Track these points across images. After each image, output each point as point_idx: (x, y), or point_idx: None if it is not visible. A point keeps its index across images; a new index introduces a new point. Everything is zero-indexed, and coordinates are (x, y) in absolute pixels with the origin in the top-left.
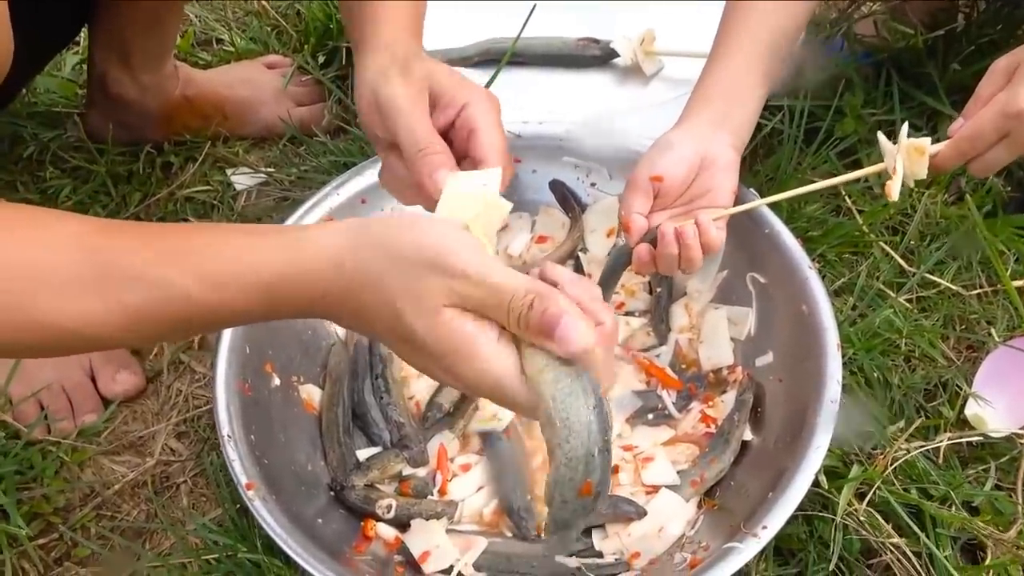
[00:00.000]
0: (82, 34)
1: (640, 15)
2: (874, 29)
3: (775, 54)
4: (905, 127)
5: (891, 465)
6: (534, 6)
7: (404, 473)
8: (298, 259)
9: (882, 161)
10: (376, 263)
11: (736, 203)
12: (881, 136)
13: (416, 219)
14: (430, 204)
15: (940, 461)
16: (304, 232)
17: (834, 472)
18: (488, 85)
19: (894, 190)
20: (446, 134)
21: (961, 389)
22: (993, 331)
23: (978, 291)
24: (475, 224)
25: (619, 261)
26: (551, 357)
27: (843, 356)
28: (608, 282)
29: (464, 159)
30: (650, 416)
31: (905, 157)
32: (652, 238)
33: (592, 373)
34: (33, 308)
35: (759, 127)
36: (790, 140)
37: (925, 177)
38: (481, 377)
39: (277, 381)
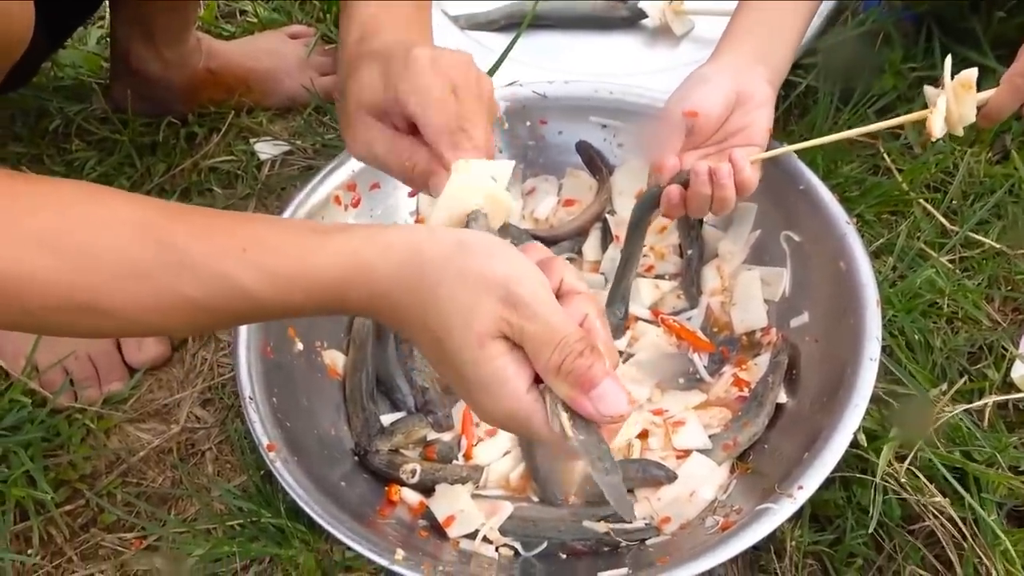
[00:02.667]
0: (105, 8)
1: None
2: None
3: None
4: (949, 61)
5: (934, 426)
6: None
7: (429, 438)
8: (362, 265)
9: (927, 110)
10: (441, 276)
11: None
12: (927, 87)
13: (488, 240)
14: (436, 188)
15: (985, 424)
16: (369, 235)
17: (873, 434)
18: (510, 48)
19: (936, 125)
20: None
21: (1007, 351)
22: None
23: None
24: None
25: (647, 204)
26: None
27: (883, 317)
28: (636, 228)
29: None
30: (681, 380)
31: (952, 97)
32: (683, 180)
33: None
34: (88, 289)
35: (793, 85)
36: (825, 98)
37: (974, 120)
38: (507, 415)
39: (300, 346)
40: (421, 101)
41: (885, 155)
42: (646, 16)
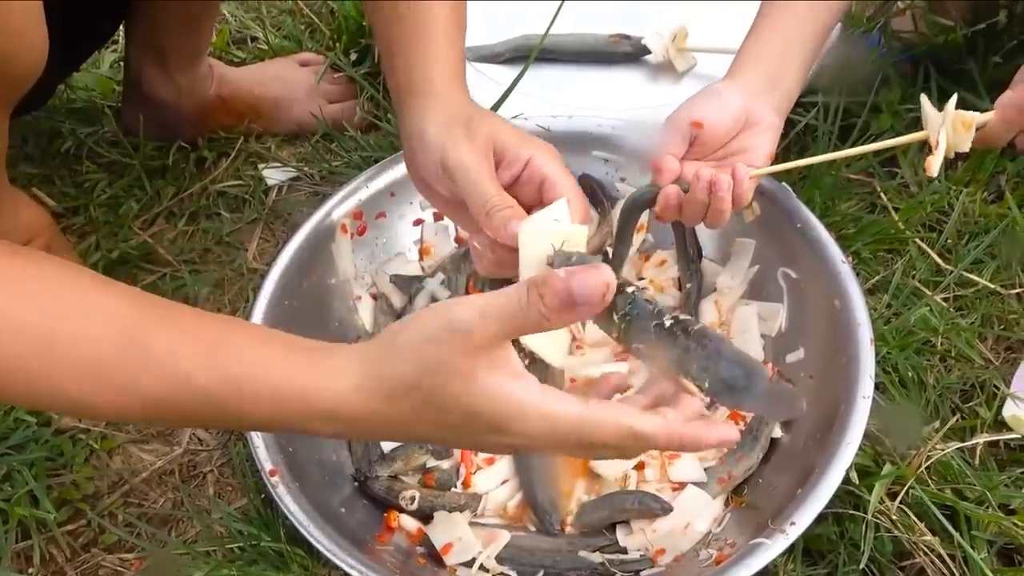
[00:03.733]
0: (119, 32)
1: (672, 11)
2: (912, 24)
3: (824, 24)
4: (954, 98)
5: (925, 464)
6: (561, 4)
7: (428, 465)
8: (322, 391)
9: (924, 131)
10: (413, 411)
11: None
12: (926, 102)
13: (455, 367)
14: (510, 262)
15: (976, 462)
16: (330, 360)
17: (866, 471)
18: (516, 81)
19: (935, 165)
20: (512, 189)
21: (999, 390)
22: None
23: (1017, 290)
24: None
25: (640, 202)
26: None
27: (877, 355)
28: (626, 224)
29: (536, 207)
30: None
31: (950, 130)
32: (684, 187)
33: None
34: (46, 377)
35: (792, 123)
36: (824, 136)
37: (967, 151)
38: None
39: None
40: (462, 184)
41: (882, 194)
42: (649, 52)
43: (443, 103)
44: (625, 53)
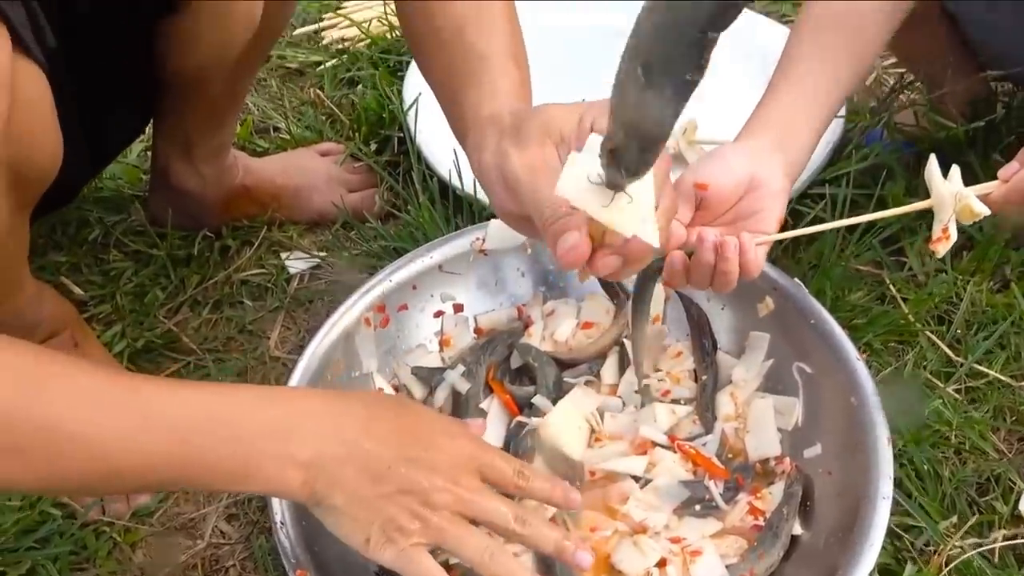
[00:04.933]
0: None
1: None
2: (914, 119)
3: (842, 85)
4: (957, 174)
5: (946, 565)
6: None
7: (451, 561)
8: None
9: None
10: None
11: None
12: (936, 173)
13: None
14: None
15: (996, 559)
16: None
17: (887, 570)
18: None
19: (941, 249)
20: None
21: (1015, 484)
22: None
23: None
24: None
25: (649, 272)
26: None
27: (893, 448)
28: (641, 298)
29: None
30: (697, 507)
31: (957, 208)
32: (689, 252)
33: None
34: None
35: (801, 215)
36: (832, 228)
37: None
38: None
39: None
40: (523, 200)
41: (891, 285)
42: None
43: (494, 126)
44: None
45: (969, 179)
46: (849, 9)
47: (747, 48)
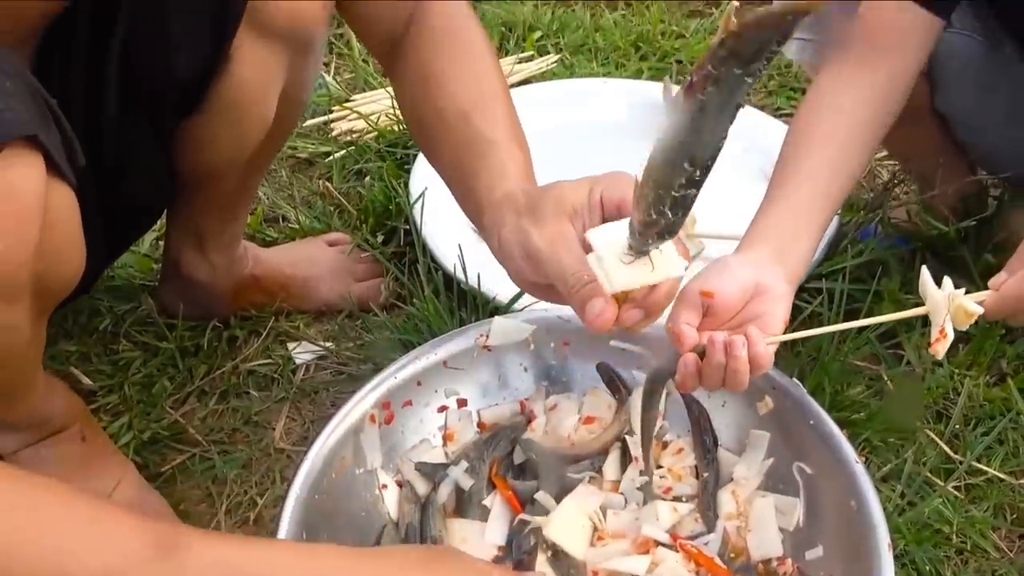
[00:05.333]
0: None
1: None
2: (907, 215)
3: (834, 197)
4: (949, 284)
5: None
6: None
7: None
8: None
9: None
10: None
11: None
12: (929, 282)
13: None
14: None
15: None
16: None
17: None
18: None
19: (940, 350)
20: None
21: None
22: None
23: None
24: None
25: (662, 372)
26: None
27: (894, 550)
28: (651, 397)
29: None
30: None
31: (952, 316)
32: (700, 351)
33: None
34: None
35: (799, 309)
36: (830, 323)
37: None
38: None
39: None
40: (546, 271)
41: (888, 381)
42: None
43: (509, 205)
44: None
45: (963, 273)
46: (835, 127)
47: (743, 142)
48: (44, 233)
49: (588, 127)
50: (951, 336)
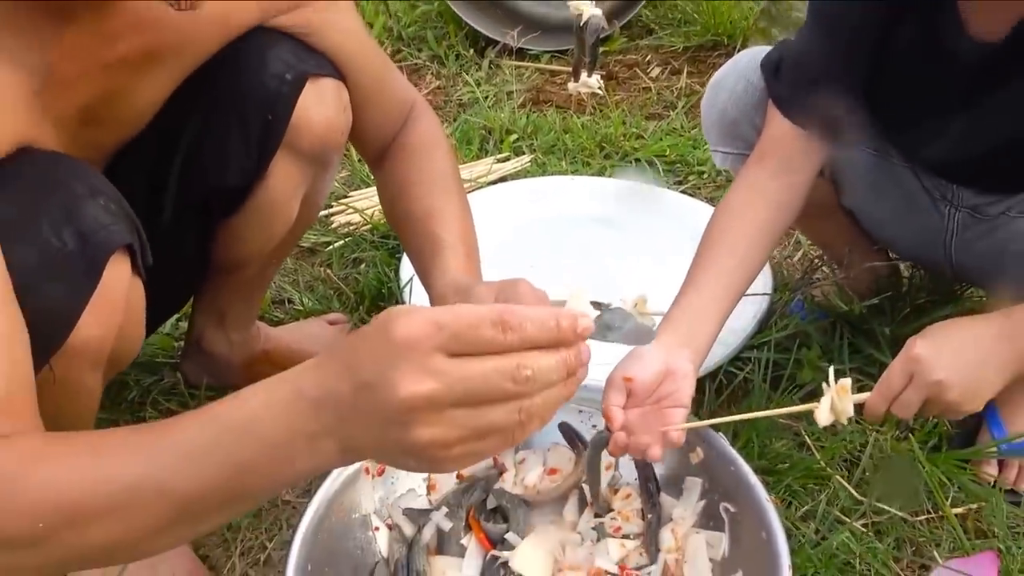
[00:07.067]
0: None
1: (635, 284)
2: (832, 292)
3: (736, 289)
4: (832, 371)
5: None
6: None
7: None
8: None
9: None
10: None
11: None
12: (824, 384)
13: (367, 331)
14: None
15: None
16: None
17: None
18: None
19: (820, 417)
20: None
21: None
22: (936, 553)
23: (923, 517)
24: None
25: (599, 443)
26: None
27: (806, 574)
28: (593, 460)
29: None
30: None
31: (835, 397)
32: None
33: None
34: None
35: (733, 375)
36: (758, 387)
37: (852, 415)
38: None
39: None
40: None
41: (807, 436)
42: None
43: (449, 291)
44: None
45: (875, 344)
46: (741, 232)
47: (690, 231)
48: (121, 318)
49: (557, 221)
50: (825, 404)
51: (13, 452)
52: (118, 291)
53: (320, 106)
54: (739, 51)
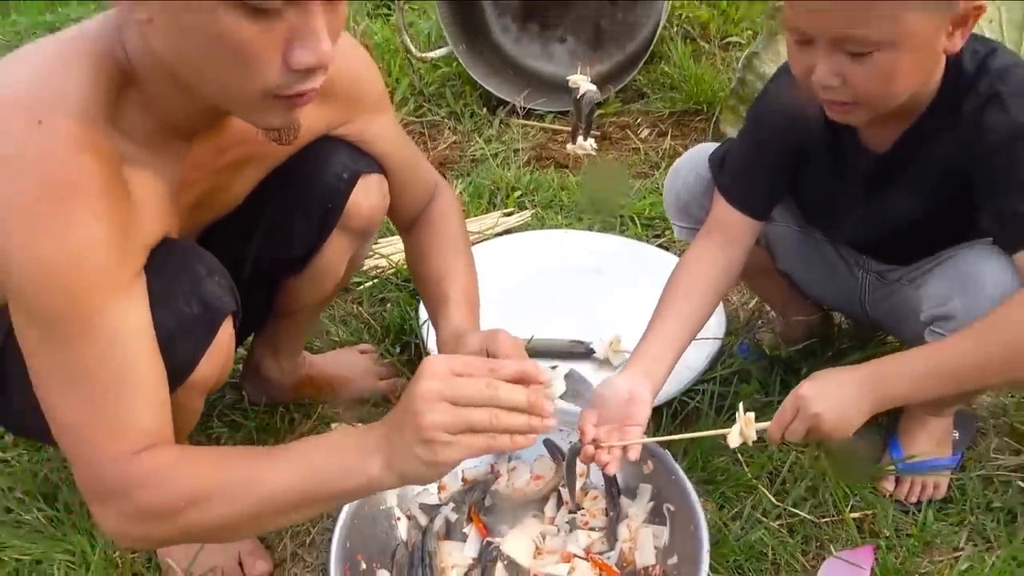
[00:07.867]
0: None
1: (610, 326)
2: (772, 335)
3: (689, 331)
4: (741, 406)
5: None
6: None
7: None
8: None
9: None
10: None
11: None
12: (740, 410)
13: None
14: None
15: None
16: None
17: None
18: None
19: (731, 440)
20: None
21: None
22: (833, 548)
23: (828, 519)
24: None
25: (573, 452)
26: None
27: (728, 560)
28: (570, 466)
29: None
30: None
31: (743, 424)
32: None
33: None
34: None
35: (685, 403)
36: (706, 414)
37: (755, 439)
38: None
39: (364, 566)
40: None
41: (739, 453)
42: (594, 352)
43: (450, 337)
44: (579, 352)
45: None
46: (692, 286)
47: (663, 281)
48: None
49: (553, 272)
50: (736, 431)
51: (168, 456)
52: (225, 342)
53: (367, 197)
54: (715, 119)
